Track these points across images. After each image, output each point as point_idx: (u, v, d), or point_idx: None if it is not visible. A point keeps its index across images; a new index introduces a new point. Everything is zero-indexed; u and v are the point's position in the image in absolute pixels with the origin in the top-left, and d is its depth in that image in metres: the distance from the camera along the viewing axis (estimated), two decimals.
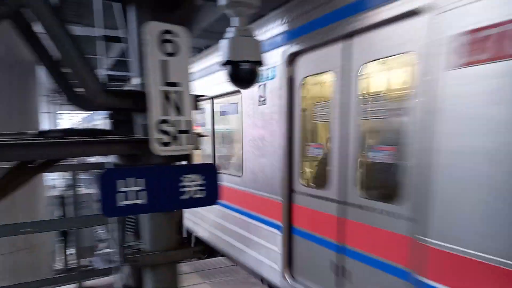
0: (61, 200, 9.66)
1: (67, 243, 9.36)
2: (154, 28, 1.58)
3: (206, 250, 6.10)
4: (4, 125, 5.71)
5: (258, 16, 4.00)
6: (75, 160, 5.21)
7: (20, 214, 5.11)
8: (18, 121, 6.10)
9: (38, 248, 6.34)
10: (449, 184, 2.08)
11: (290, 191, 3.81)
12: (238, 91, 4.72)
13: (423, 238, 2.25)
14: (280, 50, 3.61)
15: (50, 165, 1.64)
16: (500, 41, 1.83)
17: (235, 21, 2.19)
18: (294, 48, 3.39)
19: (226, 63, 2.17)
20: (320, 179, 3.49)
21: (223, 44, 2.18)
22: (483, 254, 1.94)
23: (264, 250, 4.44)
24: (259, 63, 2.19)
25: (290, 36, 3.51)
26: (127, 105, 1.68)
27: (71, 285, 4.90)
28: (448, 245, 2.10)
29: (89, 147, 1.58)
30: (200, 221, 6.93)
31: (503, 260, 1.86)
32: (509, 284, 1.85)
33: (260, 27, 4.01)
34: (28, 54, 6.16)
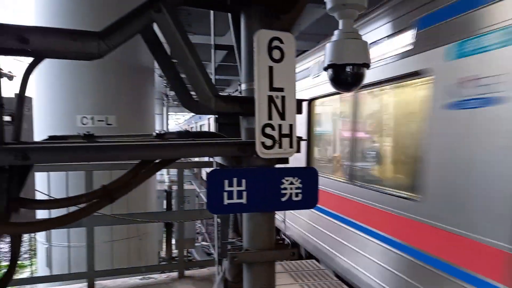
0: (167, 193, 10.59)
1: (171, 234, 10.24)
2: (263, 35, 1.64)
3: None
4: (125, 123, 6.49)
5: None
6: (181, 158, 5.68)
7: (133, 205, 5.78)
8: (137, 120, 6.86)
9: (147, 236, 7.05)
10: None
11: None
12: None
13: None
14: None
15: (166, 164, 1.81)
16: None
17: (341, 23, 2.16)
18: None
19: (330, 66, 2.15)
20: None
21: (328, 47, 2.16)
22: None
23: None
24: (366, 65, 2.12)
25: None
26: (234, 110, 1.77)
27: (173, 273, 5.33)
28: None
29: (200, 149, 1.70)
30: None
31: None
32: None
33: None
34: (146, 60, 6.95)
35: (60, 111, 6.22)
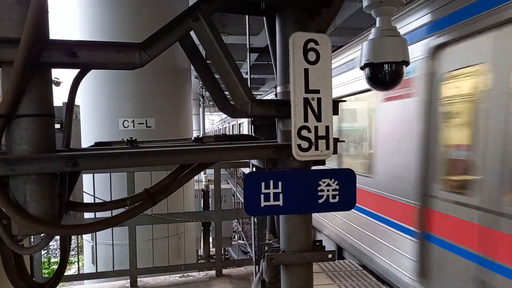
0: (204, 193, 10.79)
1: (208, 232, 10.43)
2: (299, 38, 1.64)
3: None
4: (164, 125, 6.69)
5: None
6: None
7: (172, 205, 5.94)
8: (175, 121, 7.05)
9: (185, 234, 7.23)
10: None
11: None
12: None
13: None
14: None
15: (204, 167, 1.86)
16: None
17: (378, 21, 2.11)
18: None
19: (367, 65, 2.11)
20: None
21: (365, 45, 2.13)
22: None
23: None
24: (406, 62, 2.07)
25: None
26: (270, 113, 1.78)
27: (211, 271, 5.44)
28: None
29: (237, 152, 1.73)
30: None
31: None
32: None
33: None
34: (182, 62, 7.13)
35: (103, 115, 6.52)
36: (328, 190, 1.92)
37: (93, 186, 4.85)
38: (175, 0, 6.98)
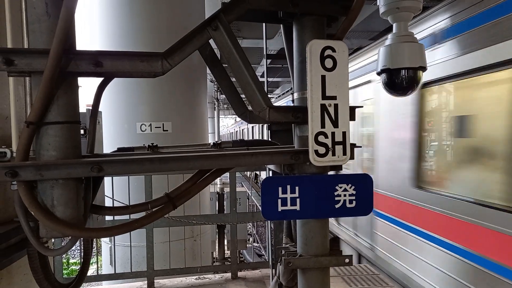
0: (219, 196, 10.86)
1: (223, 234, 10.49)
2: (316, 45, 1.67)
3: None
4: (180, 129, 6.79)
5: None
6: None
7: (189, 208, 6.02)
8: (191, 125, 7.15)
9: (201, 237, 7.29)
10: None
11: None
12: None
13: None
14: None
15: (222, 172, 1.90)
16: None
17: (395, 27, 2.12)
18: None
19: (384, 70, 2.12)
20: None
21: (382, 51, 2.13)
22: None
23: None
24: (423, 68, 2.07)
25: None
26: (287, 119, 1.81)
27: (226, 274, 5.48)
28: None
29: (255, 158, 1.76)
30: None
31: None
32: None
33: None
34: (199, 66, 7.22)
35: (121, 119, 6.67)
36: (345, 195, 1.93)
37: (111, 189, 4.95)
38: (191, 11, 7.10)
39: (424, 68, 2.10)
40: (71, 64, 1.44)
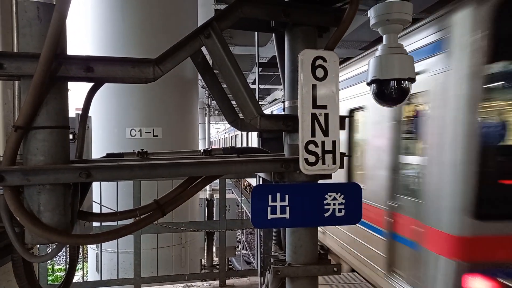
0: (209, 202, 10.79)
1: (212, 241, 10.40)
2: (307, 55, 1.68)
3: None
4: (170, 134, 6.76)
5: None
6: None
7: (177, 214, 5.97)
8: (181, 131, 7.12)
9: (189, 244, 7.23)
10: None
11: None
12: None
13: None
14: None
15: (212, 179, 1.90)
16: None
17: (385, 38, 2.15)
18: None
19: (374, 81, 2.15)
20: None
21: (372, 62, 2.16)
22: None
23: None
24: (412, 79, 2.10)
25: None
26: (278, 127, 1.82)
27: (214, 281, 5.43)
28: None
29: (245, 165, 1.76)
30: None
31: None
32: None
33: None
34: (190, 72, 7.22)
35: (111, 124, 6.61)
36: (334, 204, 1.94)
37: (99, 194, 4.89)
38: (184, 15, 7.11)
39: (413, 80, 2.13)
40: (61, 69, 1.43)
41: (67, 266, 2.28)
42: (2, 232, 2.11)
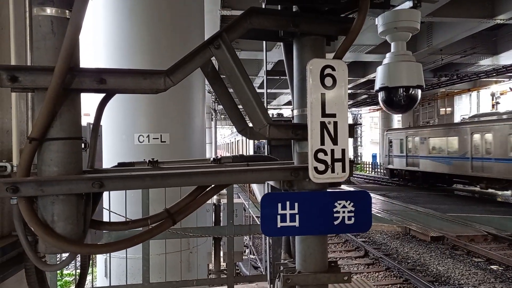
0: (216, 207, 10.81)
1: (219, 246, 10.40)
2: (316, 64, 1.70)
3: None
4: (178, 140, 6.79)
5: None
6: None
7: (185, 219, 5.97)
8: (188, 136, 7.16)
9: (197, 249, 7.24)
10: None
11: None
12: None
13: None
14: None
15: (222, 187, 1.91)
16: None
17: (393, 46, 2.16)
18: None
19: (382, 88, 2.16)
20: None
21: (380, 70, 2.17)
22: None
23: None
24: (420, 87, 2.11)
25: None
26: (287, 136, 1.83)
27: (222, 287, 5.43)
28: None
29: (254, 174, 1.77)
30: None
31: None
32: None
33: None
34: (197, 77, 7.25)
35: (119, 130, 6.65)
36: (343, 212, 1.94)
37: (108, 201, 4.92)
38: (192, 25, 7.16)
39: (421, 87, 2.14)
40: (75, 81, 1.46)
41: (76, 271, 2.30)
42: (14, 242, 2.14)
